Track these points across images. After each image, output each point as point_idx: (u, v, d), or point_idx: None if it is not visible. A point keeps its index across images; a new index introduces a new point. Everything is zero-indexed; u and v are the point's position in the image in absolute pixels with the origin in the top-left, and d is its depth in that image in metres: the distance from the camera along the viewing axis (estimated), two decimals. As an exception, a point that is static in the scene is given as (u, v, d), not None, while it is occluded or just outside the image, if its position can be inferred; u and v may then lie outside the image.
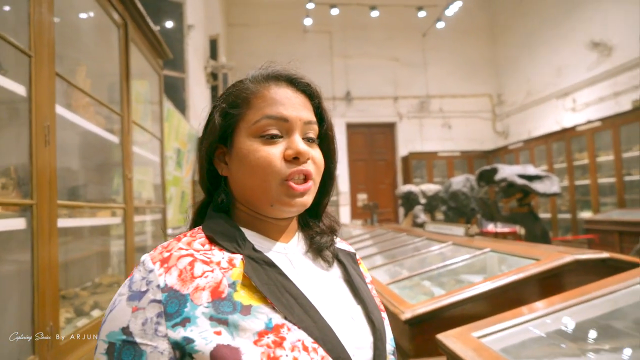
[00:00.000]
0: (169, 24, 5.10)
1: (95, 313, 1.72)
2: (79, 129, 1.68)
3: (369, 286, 0.71)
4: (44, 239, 1.22)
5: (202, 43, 6.68)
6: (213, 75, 7.22)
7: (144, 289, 0.52)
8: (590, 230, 6.11)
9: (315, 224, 0.70)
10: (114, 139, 1.97)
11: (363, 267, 0.75)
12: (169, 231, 3.30)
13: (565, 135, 7.35)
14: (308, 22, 9.65)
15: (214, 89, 7.23)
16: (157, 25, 4.88)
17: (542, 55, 9.03)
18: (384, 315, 0.68)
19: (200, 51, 6.47)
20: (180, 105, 4.94)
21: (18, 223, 1.16)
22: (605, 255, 1.31)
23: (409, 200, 7.38)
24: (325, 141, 0.68)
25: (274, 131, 0.61)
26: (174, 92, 4.79)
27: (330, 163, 0.69)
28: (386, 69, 10.72)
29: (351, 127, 10.74)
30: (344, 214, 10.48)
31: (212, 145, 0.65)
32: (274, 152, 0.60)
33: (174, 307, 0.51)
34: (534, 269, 1.31)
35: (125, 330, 0.50)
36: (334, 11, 9.47)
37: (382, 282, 1.71)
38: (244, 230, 0.63)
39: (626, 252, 4.58)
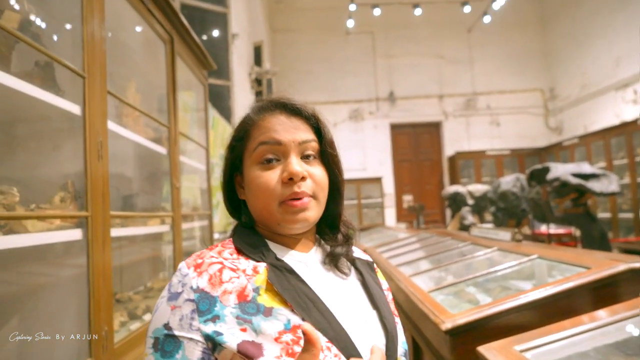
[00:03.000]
0: (215, 34, 5.26)
1: (147, 317, 1.81)
2: (130, 142, 1.78)
3: (386, 293, 0.76)
4: (99, 248, 1.30)
5: (247, 50, 6.84)
6: (257, 81, 7.37)
7: (180, 290, 0.60)
8: (655, 231, 5.71)
9: (331, 235, 0.75)
10: (162, 150, 2.07)
11: (380, 275, 0.80)
12: (216, 235, 3.41)
13: (626, 129, 6.91)
14: (350, 23, 9.64)
15: (258, 95, 7.38)
16: (202, 35, 5.07)
17: (598, 46, 8.55)
18: (397, 320, 0.73)
19: (245, 58, 6.64)
20: (226, 112, 5.08)
21: (75, 234, 1.24)
22: (663, 264, 1.23)
23: (456, 202, 7.19)
24: (325, 157, 0.72)
25: (270, 155, 0.67)
26: (220, 99, 4.94)
27: (335, 177, 0.73)
28: (430, 67, 10.52)
29: (395, 128, 10.63)
30: (390, 215, 10.38)
31: (226, 176, 0.73)
32: (272, 177, 0.66)
33: (205, 306, 0.58)
34: (583, 278, 1.25)
35: (167, 325, 0.58)
36: (376, 11, 9.41)
37: (425, 289, 1.69)
38: (267, 242, 0.70)
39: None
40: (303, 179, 0.67)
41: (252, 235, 0.70)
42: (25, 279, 1.30)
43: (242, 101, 6.11)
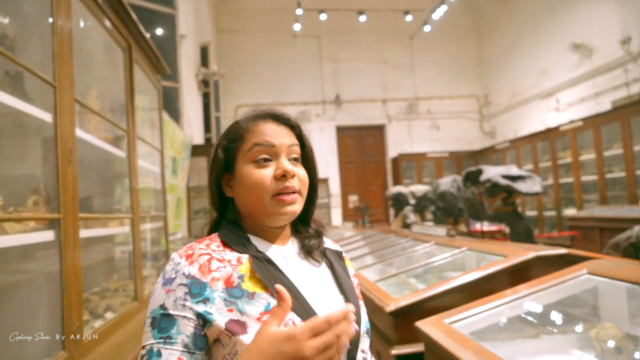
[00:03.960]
0: (163, 34, 5.24)
1: (109, 315, 1.87)
2: (89, 146, 1.83)
3: (352, 279, 0.88)
4: (70, 248, 1.37)
5: (194, 51, 6.82)
6: (204, 83, 7.35)
7: (173, 276, 0.69)
8: (573, 227, 6.34)
9: (304, 230, 0.86)
10: (121, 153, 2.13)
11: (348, 263, 0.92)
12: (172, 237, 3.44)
13: (550, 134, 7.59)
14: (297, 27, 9.81)
15: (205, 96, 7.37)
16: (149, 35, 5.03)
17: (527, 57, 9.30)
18: (361, 302, 0.85)
19: (192, 59, 6.61)
20: (175, 113, 5.08)
21: (48, 235, 1.31)
22: (563, 251, 1.49)
23: (399, 202, 7.57)
24: (306, 161, 0.84)
25: (265, 155, 0.77)
26: (168, 101, 4.93)
27: (313, 178, 0.84)
28: (375, 72, 10.92)
29: (341, 130, 10.93)
30: (336, 215, 10.65)
31: (218, 175, 0.82)
32: (266, 174, 0.76)
33: (196, 289, 0.68)
34: (501, 264, 1.49)
35: (162, 306, 0.67)
36: (323, 16, 9.65)
37: (371, 279, 1.89)
38: (249, 236, 0.80)
39: (606, 247, 4.79)
40: (293, 176, 0.77)
41: (236, 230, 0.80)
42: (2, 278, 1.35)
43: (190, 102, 6.09)
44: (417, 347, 1.32)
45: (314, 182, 0.85)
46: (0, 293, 1.35)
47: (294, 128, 0.83)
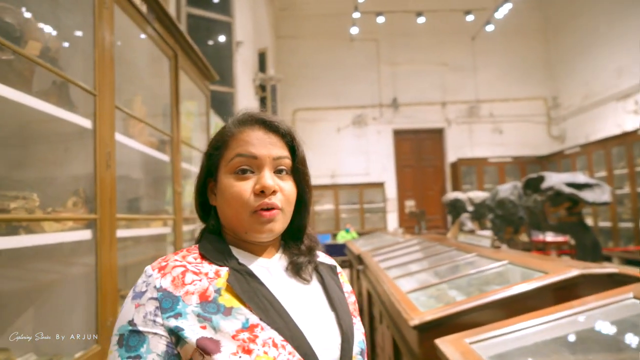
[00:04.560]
0: (219, 42, 5.43)
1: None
2: (136, 150, 1.93)
3: (346, 295, 0.81)
4: (106, 247, 1.45)
5: (251, 57, 7.02)
6: (262, 87, 7.54)
7: (144, 289, 0.64)
8: (652, 240, 5.78)
9: (295, 246, 0.80)
10: (165, 157, 2.22)
11: (344, 278, 0.86)
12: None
13: (627, 139, 6.99)
14: (354, 30, 9.80)
15: (262, 101, 7.55)
16: (207, 43, 5.24)
17: (601, 55, 8.64)
18: (356, 320, 0.77)
19: (249, 65, 6.81)
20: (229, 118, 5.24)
21: (85, 234, 1.40)
22: (612, 270, 1.35)
23: (456, 208, 7.31)
24: (297, 174, 0.76)
25: (245, 167, 0.71)
26: (224, 106, 5.11)
27: (303, 192, 0.78)
28: (434, 75, 10.65)
29: (398, 134, 10.76)
30: (392, 220, 10.49)
31: (200, 181, 0.77)
32: (245, 187, 0.70)
33: (168, 304, 0.62)
34: (540, 281, 1.38)
35: (131, 322, 0.61)
36: (380, 19, 9.57)
37: (404, 290, 1.83)
38: (232, 248, 0.74)
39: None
40: (274, 192, 0.71)
41: (217, 242, 0.74)
42: (41, 275, 1.45)
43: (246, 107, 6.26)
44: (442, 365, 1.25)
45: (305, 197, 0.79)
46: (42, 288, 1.45)
47: (285, 136, 0.76)
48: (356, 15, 9.21)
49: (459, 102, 10.59)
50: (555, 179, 4.66)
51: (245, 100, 6.12)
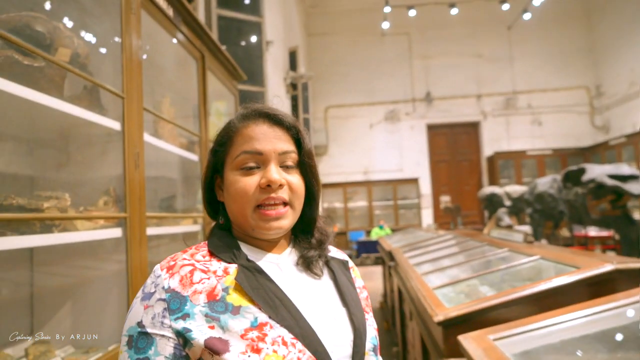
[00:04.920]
0: (250, 41, 5.51)
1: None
2: (167, 151, 1.99)
3: (358, 290, 0.79)
4: (136, 245, 1.50)
5: (282, 56, 7.07)
6: (293, 86, 7.59)
7: (152, 290, 0.63)
8: None
9: (305, 239, 0.78)
10: (194, 157, 2.28)
11: (356, 272, 0.84)
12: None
13: (676, 127, 6.60)
14: (386, 25, 9.71)
15: (293, 99, 7.60)
16: (238, 43, 5.32)
17: (647, 40, 8.18)
18: (368, 316, 0.76)
19: (280, 64, 6.86)
20: (261, 117, 5.30)
21: (116, 232, 1.45)
22: (649, 265, 1.29)
23: (492, 203, 7.11)
24: (303, 167, 0.75)
25: (251, 163, 0.70)
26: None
27: (311, 185, 0.76)
28: (468, 67, 10.40)
29: (432, 128, 10.59)
30: (427, 216, 10.34)
31: (207, 178, 0.76)
32: (250, 182, 0.69)
33: (176, 305, 0.61)
34: (571, 276, 1.32)
35: (140, 324, 0.61)
36: (412, 12, 9.43)
37: (431, 286, 1.80)
38: (241, 244, 0.73)
39: None
40: (280, 186, 0.69)
41: (226, 238, 0.74)
42: (76, 271, 1.53)
43: (277, 106, 6.33)
44: (467, 362, 1.23)
45: (313, 190, 0.77)
46: (78, 284, 1.52)
47: (290, 129, 0.74)
48: (387, 9, 9.11)
49: (494, 94, 10.30)
50: (597, 171, 4.45)
51: (276, 99, 6.17)
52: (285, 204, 0.71)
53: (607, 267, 1.30)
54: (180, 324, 0.60)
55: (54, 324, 1.49)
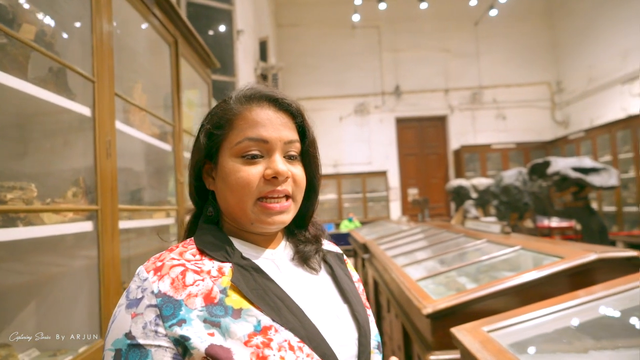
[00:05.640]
0: (220, 30, 5.36)
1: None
2: (137, 139, 1.89)
3: (356, 284, 0.75)
4: (108, 239, 1.41)
5: (252, 46, 6.93)
6: (263, 77, 7.46)
7: (139, 296, 0.56)
8: (658, 224, 5.73)
9: (300, 234, 0.74)
10: (167, 146, 2.18)
11: (350, 266, 0.79)
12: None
13: (632, 123, 6.90)
14: (356, 18, 9.68)
15: (264, 90, 7.46)
16: (208, 31, 5.17)
17: (606, 38, 8.50)
18: (369, 312, 0.72)
19: (250, 54, 6.73)
20: (232, 107, 5.18)
21: (86, 226, 1.36)
22: (631, 253, 1.31)
23: (460, 195, 7.26)
24: (306, 157, 0.70)
25: (255, 152, 0.64)
26: (225, 95, 5.04)
27: (313, 177, 0.72)
28: (436, 61, 10.53)
29: (401, 122, 10.68)
30: (395, 209, 10.46)
31: (198, 163, 0.69)
32: (254, 172, 0.63)
33: (169, 310, 0.55)
34: (556, 266, 1.34)
35: (129, 335, 0.54)
36: (382, 5, 9.42)
37: (414, 278, 1.79)
38: (232, 239, 0.67)
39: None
40: (286, 178, 0.65)
41: (215, 233, 0.67)
42: (42, 268, 1.42)
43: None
44: (458, 354, 1.22)
45: (314, 182, 0.73)
46: (43, 281, 1.42)
47: (296, 116, 0.69)
48: (358, 2, 9.09)
49: (462, 88, 10.48)
50: (561, 164, 4.60)
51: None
52: (287, 197, 0.66)
53: (591, 257, 1.32)
54: (177, 331, 0.54)
55: (16, 326, 1.38)
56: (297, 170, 0.67)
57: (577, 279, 1.35)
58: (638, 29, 7.54)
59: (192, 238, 0.68)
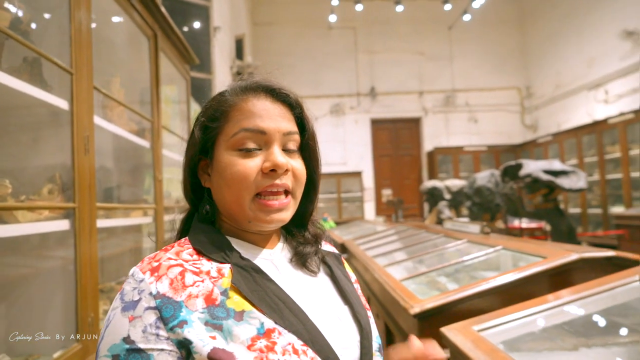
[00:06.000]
0: (197, 26, 5.26)
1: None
2: (113, 135, 1.82)
3: (355, 286, 0.73)
4: (85, 238, 1.35)
5: (228, 43, 6.83)
6: (239, 75, 7.38)
7: (136, 298, 0.53)
8: (621, 225, 5.97)
9: (299, 234, 0.71)
10: (145, 143, 2.11)
11: (347, 267, 0.77)
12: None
13: (597, 128, 7.17)
14: (332, 18, 9.70)
15: (240, 88, 7.37)
16: (184, 27, 5.07)
17: (573, 46, 8.81)
18: (370, 313, 0.69)
19: (227, 51, 6.63)
20: (207, 105, 5.10)
21: (63, 224, 1.29)
22: (610, 253, 1.35)
23: (434, 196, 7.37)
24: (306, 151, 0.67)
25: (252, 144, 0.61)
26: (201, 93, 4.96)
27: (313, 173, 0.69)
28: (411, 64, 10.67)
29: (376, 123, 10.76)
30: (369, 209, 10.53)
31: (193, 159, 0.66)
32: (251, 166, 0.60)
33: (169, 312, 0.52)
34: (539, 266, 1.36)
35: (127, 339, 0.51)
36: (359, 7, 9.48)
37: (397, 278, 1.79)
38: (229, 238, 0.64)
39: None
40: (286, 171, 0.62)
41: (211, 232, 0.64)
42: (14, 269, 1.34)
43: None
44: (446, 354, 1.22)
45: (315, 178, 0.69)
46: (15, 283, 1.34)
47: (294, 107, 0.66)
48: (335, 2, 9.11)
49: (435, 91, 10.65)
50: (532, 167, 4.73)
51: (223, 87, 5.96)
52: (287, 192, 0.63)
53: (573, 257, 1.35)
54: (178, 334, 0.51)
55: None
56: (297, 164, 0.65)
57: (558, 278, 1.38)
58: (602, 37, 7.85)
59: (187, 238, 0.64)
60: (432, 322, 1.29)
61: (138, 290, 0.54)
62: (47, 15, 1.47)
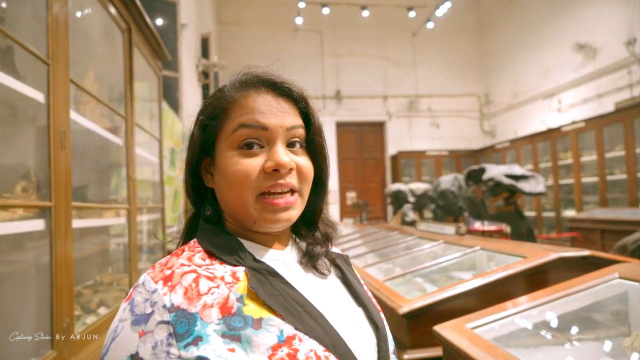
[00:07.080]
0: (163, 23, 5.12)
1: (102, 310, 1.78)
2: (86, 131, 1.74)
3: (364, 287, 0.71)
4: (61, 239, 1.28)
5: (194, 42, 6.69)
6: (204, 74, 7.24)
7: (148, 311, 0.49)
8: (573, 228, 6.29)
9: (309, 233, 0.68)
10: (118, 140, 2.03)
11: (354, 269, 0.74)
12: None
13: (551, 135, 7.53)
14: (299, 20, 9.71)
15: (205, 88, 7.24)
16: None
17: (529, 57, 9.23)
18: (383, 316, 0.67)
19: (193, 50, 6.50)
20: (174, 104, 4.97)
21: (38, 224, 1.21)
22: (586, 253, 1.42)
23: (398, 199, 7.50)
24: (312, 146, 0.64)
25: (252, 140, 0.59)
26: (168, 91, 4.83)
27: (321, 170, 0.65)
28: (376, 68, 10.83)
29: (341, 126, 10.84)
30: (333, 212, 10.58)
31: (193, 159, 0.63)
32: (252, 165, 0.58)
33: (183, 327, 0.48)
34: (521, 266, 1.41)
35: (135, 357, 0.47)
36: (325, 10, 9.53)
37: (378, 279, 1.80)
38: (241, 240, 0.61)
39: (607, 249, 4.75)
40: (290, 170, 0.59)
41: (221, 234, 0.61)
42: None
43: (190, 94, 5.99)
44: (432, 352, 1.24)
45: (322, 175, 0.66)
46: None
47: (298, 101, 0.63)
48: (301, 4, 9.12)
49: (399, 96, 10.86)
50: (495, 171, 4.90)
51: (190, 87, 5.84)
52: (293, 191, 0.60)
53: (552, 256, 1.40)
54: (192, 353, 0.47)
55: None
56: (303, 161, 0.61)
57: (537, 277, 1.43)
58: (557, 49, 8.26)
59: (195, 240, 0.61)
60: (419, 321, 1.30)
61: (151, 302, 0.50)
62: (22, 2, 1.38)
